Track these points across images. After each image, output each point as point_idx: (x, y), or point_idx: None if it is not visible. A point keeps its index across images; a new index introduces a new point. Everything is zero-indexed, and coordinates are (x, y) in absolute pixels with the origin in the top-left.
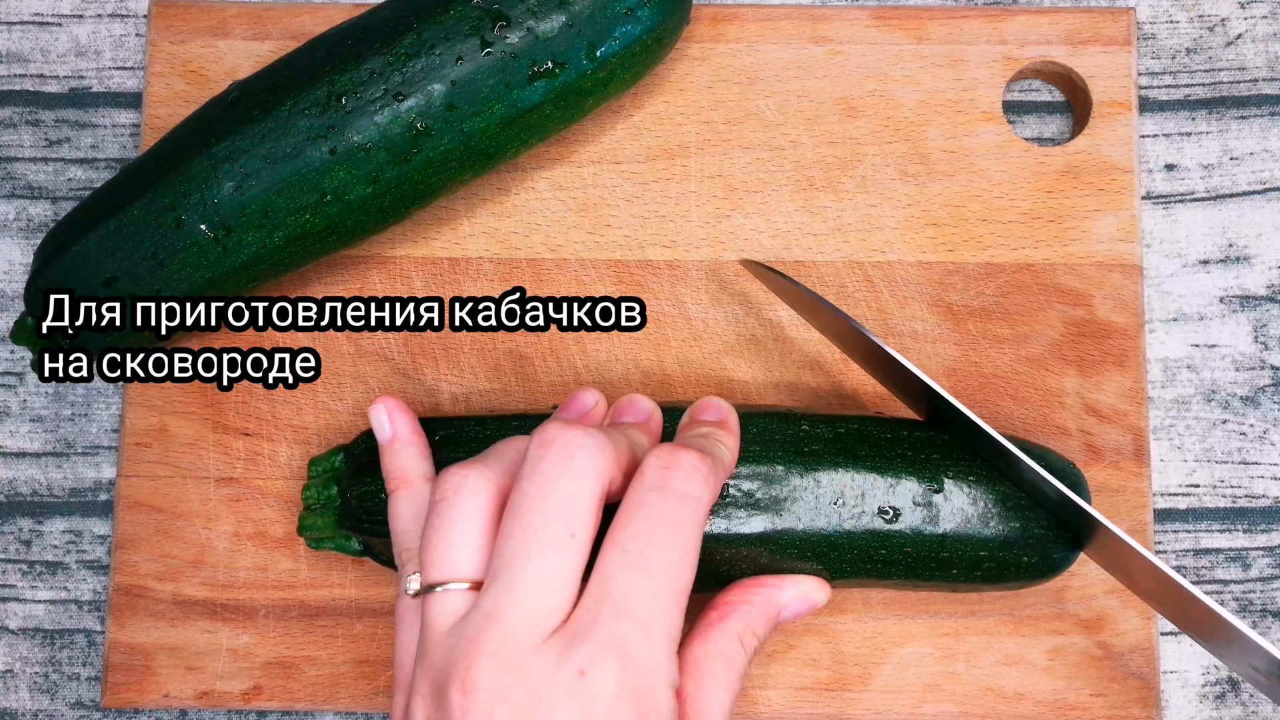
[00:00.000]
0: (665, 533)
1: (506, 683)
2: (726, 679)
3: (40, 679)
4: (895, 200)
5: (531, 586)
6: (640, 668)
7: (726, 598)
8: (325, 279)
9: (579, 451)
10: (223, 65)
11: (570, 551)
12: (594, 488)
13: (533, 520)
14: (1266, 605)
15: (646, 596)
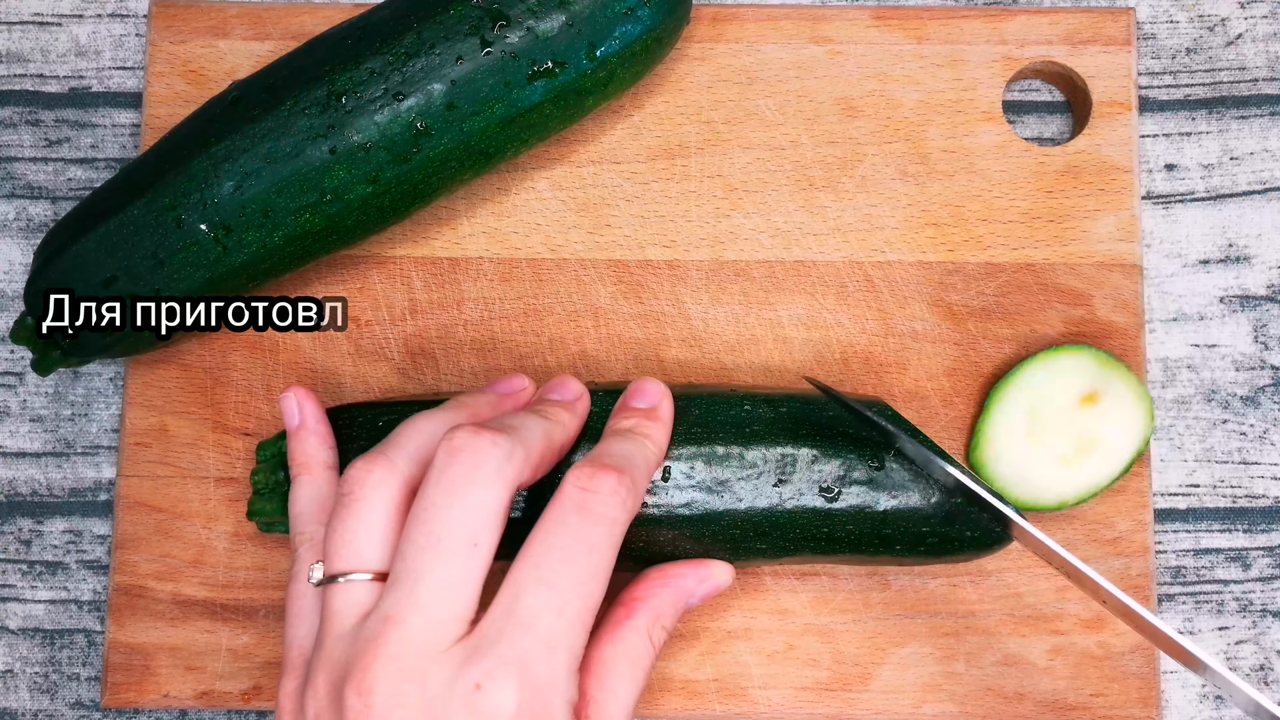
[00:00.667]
0: (579, 553)
1: (403, 689)
2: (632, 677)
3: (40, 679)
4: (895, 200)
5: (433, 594)
6: (539, 686)
7: (634, 593)
8: (325, 279)
9: (486, 461)
10: (223, 65)
11: (473, 561)
12: (500, 497)
13: (436, 528)
14: (1266, 605)
15: (553, 614)
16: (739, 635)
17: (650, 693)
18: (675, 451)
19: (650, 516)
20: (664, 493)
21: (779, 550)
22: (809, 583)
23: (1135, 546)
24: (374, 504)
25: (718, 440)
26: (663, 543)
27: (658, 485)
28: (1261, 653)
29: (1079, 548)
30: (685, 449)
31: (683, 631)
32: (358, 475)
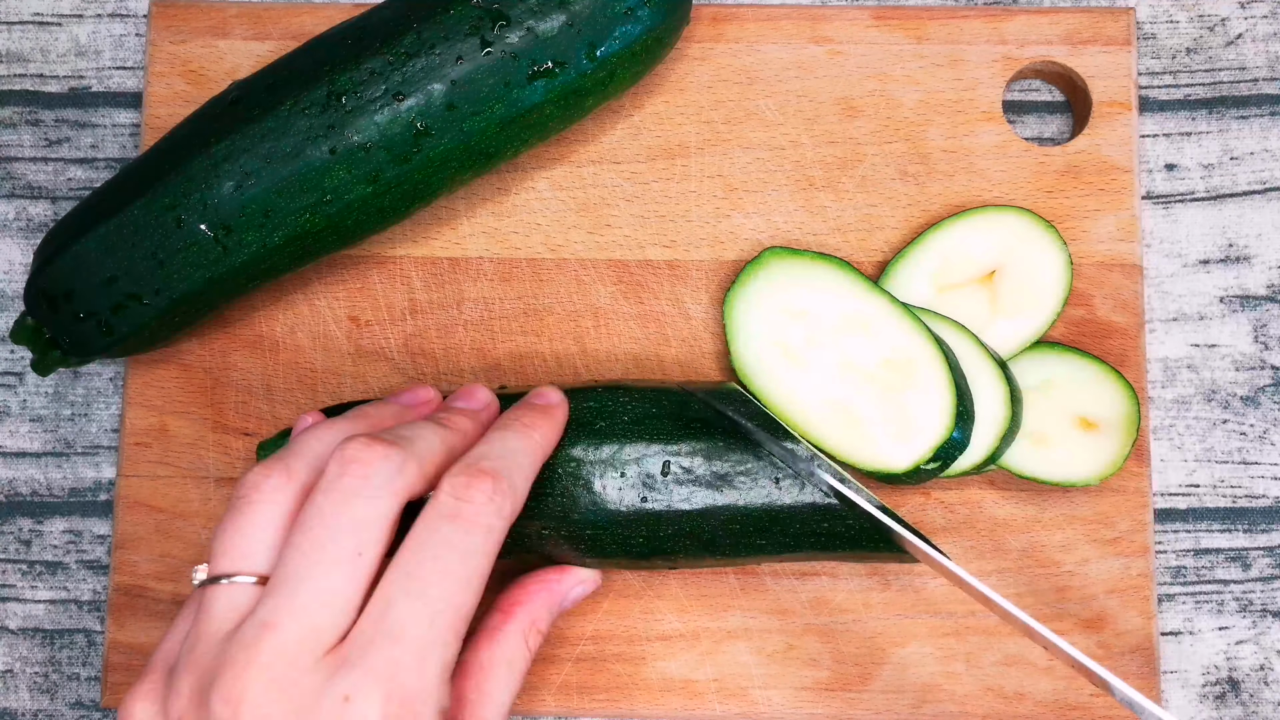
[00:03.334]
0: (451, 561)
1: (273, 699)
2: (509, 681)
3: (40, 679)
4: (895, 200)
5: (312, 601)
6: (408, 696)
7: (510, 598)
8: (325, 279)
9: (377, 473)
10: (223, 65)
11: (356, 570)
12: (388, 508)
13: (321, 536)
14: (1266, 605)
15: (423, 623)
16: (739, 635)
17: (650, 693)
18: (674, 447)
19: (652, 513)
20: (664, 489)
21: (781, 547)
22: (809, 583)
23: (1135, 546)
24: (266, 509)
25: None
26: (664, 538)
27: (658, 481)
28: (1261, 653)
29: (1079, 548)
30: (685, 444)
31: (683, 631)
32: (254, 480)
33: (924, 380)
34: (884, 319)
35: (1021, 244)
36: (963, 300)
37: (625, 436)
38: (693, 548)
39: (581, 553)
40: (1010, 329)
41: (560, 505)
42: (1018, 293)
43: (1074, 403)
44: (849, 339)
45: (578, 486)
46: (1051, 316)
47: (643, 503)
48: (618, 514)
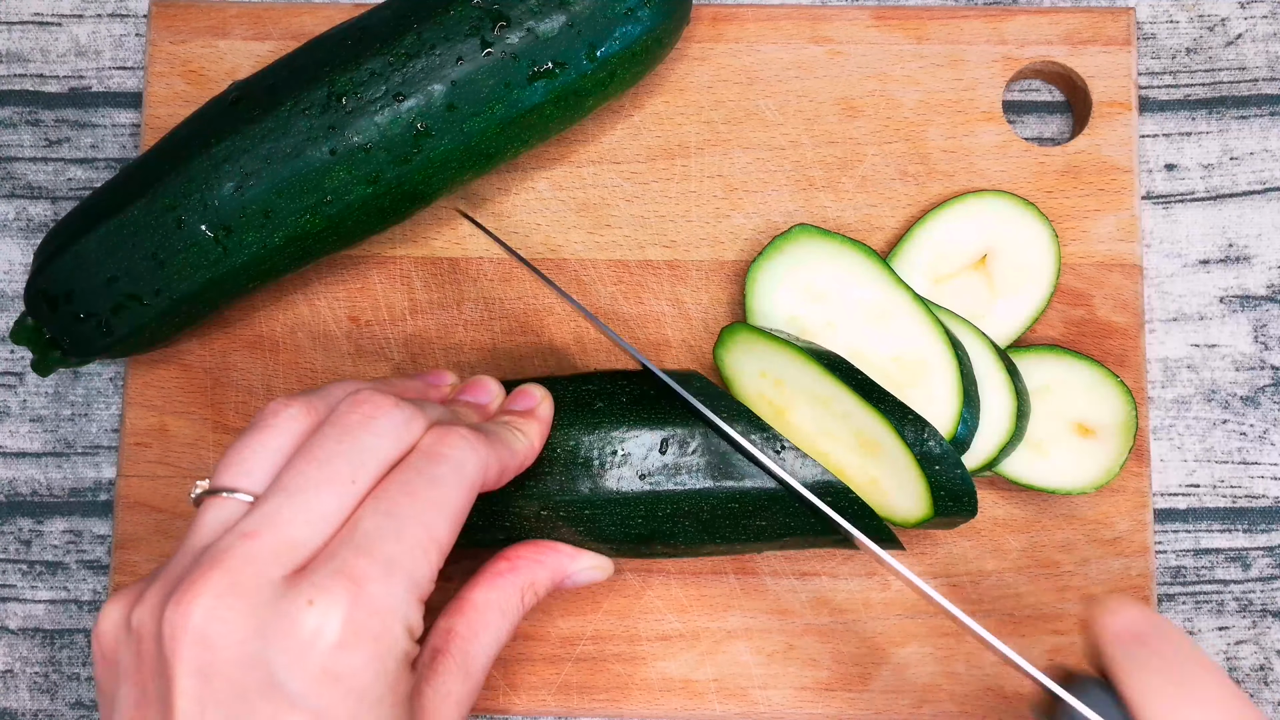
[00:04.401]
0: (420, 485)
1: (231, 603)
2: (498, 627)
3: (40, 679)
4: (895, 200)
5: (296, 515)
6: (375, 606)
7: (518, 551)
8: (325, 279)
9: (386, 416)
10: (223, 65)
11: (346, 495)
12: (389, 448)
13: (319, 457)
14: (1266, 605)
15: (390, 537)
16: (739, 635)
17: (650, 693)
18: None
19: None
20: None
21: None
22: (809, 583)
23: (1135, 546)
24: (277, 435)
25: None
26: (663, 519)
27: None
28: (1261, 653)
29: (1079, 548)
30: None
31: (683, 631)
32: (273, 407)
33: (932, 382)
34: (903, 314)
35: (1007, 225)
36: (961, 288)
37: (624, 417)
38: (692, 529)
39: (581, 535)
40: (1011, 308)
41: (559, 486)
42: (1012, 272)
43: (1071, 408)
44: (865, 329)
45: (576, 466)
46: (1048, 289)
47: (641, 481)
48: (616, 494)
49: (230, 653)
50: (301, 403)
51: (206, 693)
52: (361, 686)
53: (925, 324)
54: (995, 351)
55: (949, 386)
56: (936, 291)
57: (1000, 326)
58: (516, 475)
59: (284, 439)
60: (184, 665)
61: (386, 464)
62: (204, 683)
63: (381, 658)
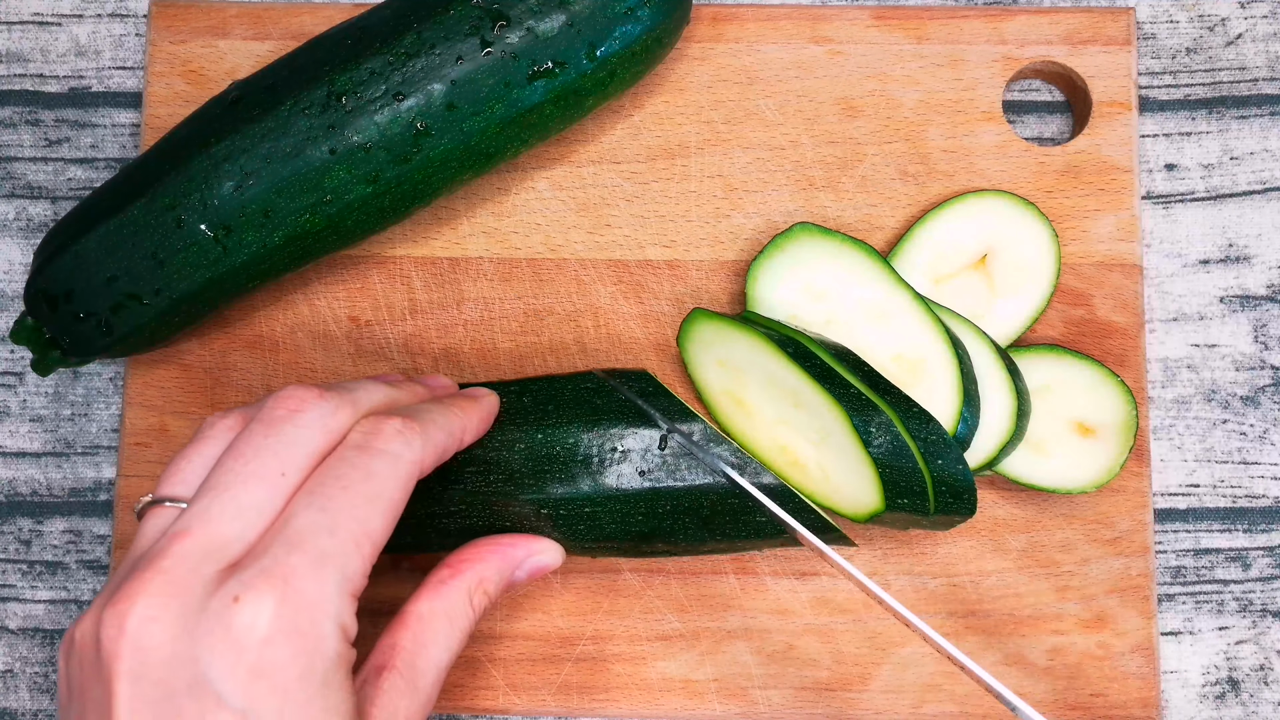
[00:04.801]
0: (354, 479)
1: (163, 603)
2: (448, 636)
3: (40, 679)
4: (895, 200)
5: (225, 510)
6: (304, 603)
7: (461, 554)
8: (325, 279)
9: (311, 408)
10: (223, 65)
11: (276, 488)
12: (317, 439)
13: (246, 453)
14: (1266, 605)
15: (322, 532)
16: (739, 635)
17: (650, 692)
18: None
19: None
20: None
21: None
22: (809, 583)
23: (1135, 546)
24: (215, 442)
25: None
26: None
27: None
28: (1261, 653)
29: (1079, 548)
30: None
31: (683, 631)
32: (211, 419)
33: (933, 381)
34: (904, 313)
35: (1006, 224)
36: (961, 288)
37: (623, 414)
38: (693, 526)
39: (581, 535)
40: (1011, 308)
41: (559, 484)
42: (1012, 271)
43: (1071, 408)
44: (866, 327)
45: (576, 464)
46: (1048, 289)
47: (642, 479)
48: (617, 492)
49: (161, 652)
50: (238, 413)
51: (138, 694)
52: (288, 684)
53: (926, 323)
54: (996, 351)
55: (949, 385)
56: (936, 291)
57: (1000, 326)
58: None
59: (219, 447)
60: (120, 669)
61: (316, 455)
62: (136, 685)
63: (309, 654)
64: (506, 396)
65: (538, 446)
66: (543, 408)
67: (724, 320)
